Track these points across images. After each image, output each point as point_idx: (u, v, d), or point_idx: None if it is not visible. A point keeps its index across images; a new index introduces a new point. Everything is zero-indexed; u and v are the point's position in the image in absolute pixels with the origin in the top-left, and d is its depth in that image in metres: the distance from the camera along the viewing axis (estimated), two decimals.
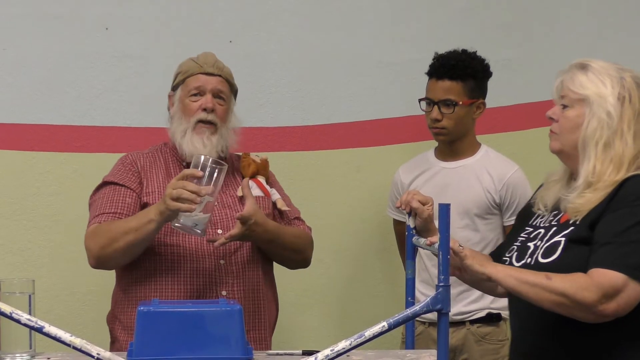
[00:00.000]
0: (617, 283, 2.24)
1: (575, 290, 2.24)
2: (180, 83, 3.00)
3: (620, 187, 2.36)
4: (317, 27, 3.84)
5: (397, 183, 3.57)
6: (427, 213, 2.62)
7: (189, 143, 2.92)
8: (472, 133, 3.47)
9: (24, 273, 3.55)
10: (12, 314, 1.98)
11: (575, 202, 2.40)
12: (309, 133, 3.85)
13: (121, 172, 2.96)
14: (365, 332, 1.98)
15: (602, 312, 2.26)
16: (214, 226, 2.90)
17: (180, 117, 2.97)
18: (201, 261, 2.87)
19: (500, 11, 3.95)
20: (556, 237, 2.41)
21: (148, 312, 2.22)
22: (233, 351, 2.21)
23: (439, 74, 3.39)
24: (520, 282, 2.29)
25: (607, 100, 2.39)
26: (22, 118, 3.64)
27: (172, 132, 2.99)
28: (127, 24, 3.70)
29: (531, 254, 2.44)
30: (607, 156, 2.38)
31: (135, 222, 2.76)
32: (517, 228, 2.61)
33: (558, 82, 2.49)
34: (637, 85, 2.43)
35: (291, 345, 3.06)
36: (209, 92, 2.96)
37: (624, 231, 2.29)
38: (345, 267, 3.88)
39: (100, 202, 2.91)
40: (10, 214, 3.64)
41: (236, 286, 2.89)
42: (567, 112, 2.45)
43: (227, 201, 2.97)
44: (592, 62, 2.46)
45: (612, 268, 2.25)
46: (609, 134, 2.38)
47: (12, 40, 3.63)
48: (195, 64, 3.00)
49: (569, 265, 2.33)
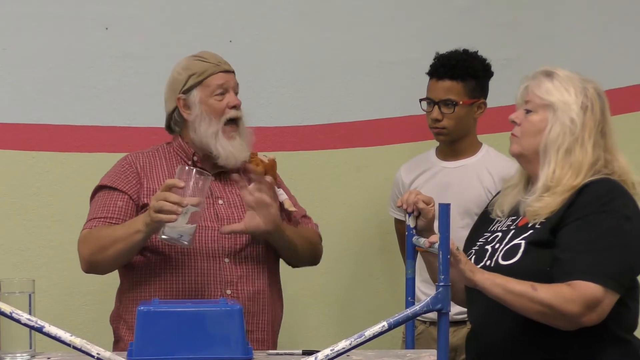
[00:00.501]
0: (598, 295, 2.30)
1: (561, 302, 2.28)
2: (196, 84, 2.94)
3: (580, 192, 2.40)
4: (317, 27, 3.84)
5: (398, 182, 3.57)
6: (432, 213, 2.63)
7: (222, 147, 2.91)
8: (473, 133, 3.47)
9: (24, 273, 3.55)
10: (12, 313, 1.98)
11: (534, 205, 2.44)
12: (309, 133, 3.85)
13: (117, 174, 2.95)
14: (365, 332, 1.98)
15: (584, 323, 2.32)
16: (220, 223, 2.90)
17: (208, 118, 2.93)
18: (206, 260, 2.87)
19: (500, 10, 3.95)
20: (515, 240, 2.44)
21: (148, 311, 2.22)
22: (233, 351, 2.21)
23: (440, 74, 3.39)
24: (506, 291, 2.31)
25: (571, 107, 2.44)
26: (22, 118, 3.64)
27: (200, 135, 2.93)
28: (127, 24, 3.70)
29: (490, 256, 2.47)
30: (566, 162, 2.43)
31: (123, 231, 2.78)
32: (475, 234, 2.64)
33: (523, 87, 2.54)
34: (598, 97, 2.49)
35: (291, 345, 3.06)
36: (232, 89, 2.96)
37: (596, 239, 2.34)
38: (345, 267, 3.88)
39: (93, 207, 2.93)
40: (10, 214, 3.64)
41: (241, 285, 2.89)
42: (531, 116, 2.49)
43: (233, 201, 2.97)
44: (557, 70, 2.51)
45: (593, 280, 2.30)
46: (571, 140, 2.44)
47: (12, 40, 3.63)
48: (208, 63, 2.96)
49: (529, 267, 2.38)
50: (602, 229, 2.34)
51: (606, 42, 3.99)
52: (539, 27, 3.97)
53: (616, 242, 2.34)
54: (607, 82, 3.91)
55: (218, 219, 2.91)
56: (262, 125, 3.78)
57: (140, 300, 2.80)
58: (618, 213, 2.36)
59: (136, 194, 2.91)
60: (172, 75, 3.01)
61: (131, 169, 2.95)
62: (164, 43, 3.69)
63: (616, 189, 2.40)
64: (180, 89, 2.96)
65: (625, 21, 4.02)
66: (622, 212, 2.36)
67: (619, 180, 2.43)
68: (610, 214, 2.36)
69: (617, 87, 3.96)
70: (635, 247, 2.37)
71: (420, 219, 2.64)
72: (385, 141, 3.89)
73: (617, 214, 2.36)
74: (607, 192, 2.39)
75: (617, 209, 2.36)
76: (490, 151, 3.48)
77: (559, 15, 3.99)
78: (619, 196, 2.39)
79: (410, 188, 3.43)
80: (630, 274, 2.39)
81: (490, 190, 3.37)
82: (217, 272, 2.88)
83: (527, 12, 3.97)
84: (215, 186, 2.96)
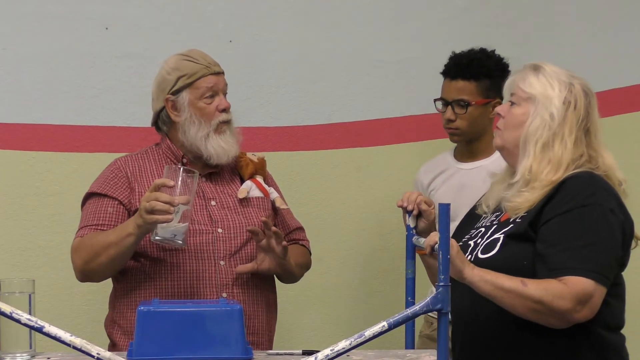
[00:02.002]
0: (589, 289, 2.29)
1: (552, 298, 2.27)
2: (186, 86, 2.92)
3: (560, 186, 2.39)
4: (317, 27, 3.84)
5: (417, 184, 3.54)
6: (433, 215, 2.64)
7: (214, 146, 2.90)
8: (489, 133, 3.40)
9: (24, 273, 3.55)
10: (12, 313, 1.98)
11: (513, 200, 2.45)
12: (309, 133, 3.85)
13: (106, 180, 2.93)
14: (365, 332, 1.98)
15: (575, 319, 2.31)
16: (214, 225, 2.89)
17: (198, 122, 2.91)
18: (201, 263, 2.86)
19: (500, 10, 3.95)
20: (496, 235, 2.45)
21: (148, 312, 2.22)
22: (233, 351, 2.21)
23: (453, 74, 3.36)
24: (495, 287, 2.31)
25: (552, 102, 2.44)
26: (22, 118, 3.64)
27: (190, 138, 2.92)
28: (127, 24, 3.70)
29: (471, 251, 2.48)
30: (544, 156, 2.43)
31: (115, 236, 2.76)
32: (461, 231, 2.64)
33: (510, 81, 2.55)
34: (584, 94, 2.48)
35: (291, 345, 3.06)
36: (221, 92, 2.94)
37: (582, 234, 2.33)
38: (345, 267, 3.88)
39: (84, 215, 2.92)
40: (10, 214, 3.64)
41: (236, 288, 2.88)
42: (514, 109, 2.51)
43: (226, 202, 2.96)
44: (545, 65, 2.51)
45: (583, 275, 2.29)
46: (549, 134, 2.44)
47: (12, 40, 3.63)
48: (199, 64, 2.93)
49: (506, 260, 2.38)
50: (586, 222, 2.34)
51: (606, 42, 3.99)
52: (539, 27, 3.97)
53: (602, 235, 2.33)
54: (607, 82, 3.94)
55: (212, 221, 2.90)
56: (262, 125, 3.78)
57: (134, 305, 2.77)
58: (602, 206, 2.35)
59: (127, 199, 2.89)
60: (161, 74, 2.97)
61: (120, 174, 2.93)
62: (164, 43, 3.68)
63: (597, 182, 2.40)
64: (169, 89, 2.93)
65: (624, 21, 4.02)
66: (605, 205, 2.36)
67: (603, 176, 2.43)
68: (594, 207, 2.35)
69: (617, 87, 3.97)
70: (619, 240, 2.37)
71: (421, 220, 2.64)
72: (385, 141, 3.89)
73: (600, 207, 2.35)
74: (589, 185, 2.38)
75: (600, 201, 2.36)
76: None
77: (558, 15, 3.99)
78: (601, 189, 2.39)
79: (428, 189, 3.43)
80: (616, 267, 2.39)
81: None
82: (212, 274, 2.86)
83: (527, 12, 3.97)
84: (207, 187, 2.95)
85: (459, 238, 2.57)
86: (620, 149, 2.65)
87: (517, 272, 2.34)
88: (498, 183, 2.60)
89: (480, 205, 2.62)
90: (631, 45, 4.01)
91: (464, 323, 2.50)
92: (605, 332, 2.40)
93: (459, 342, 2.54)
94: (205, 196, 2.93)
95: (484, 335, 2.44)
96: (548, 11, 3.98)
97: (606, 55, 3.97)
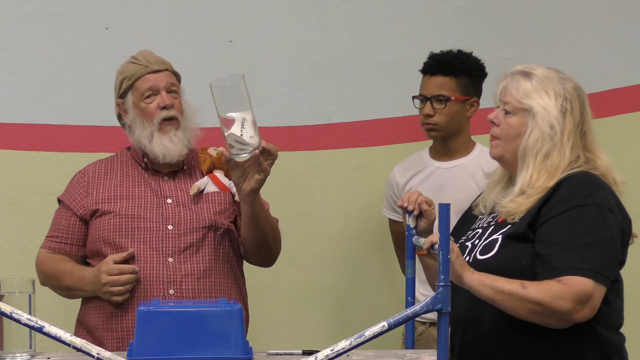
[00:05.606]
0: (588, 289, 2.29)
1: (551, 299, 2.27)
2: (128, 89, 2.97)
3: (558, 186, 2.39)
4: (317, 27, 3.84)
5: (392, 183, 3.56)
6: (434, 215, 2.63)
7: (158, 145, 2.92)
8: (466, 132, 3.46)
9: (24, 273, 3.54)
10: (12, 313, 1.98)
11: (507, 206, 2.44)
12: (309, 133, 3.85)
13: (69, 189, 3.03)
14: (365, 332, 1.98)
15: (575, 319, 2.31)
16: (165, 222, 2.91)
17: (141, 122, 2.95)
18: (149, 260, 2.88)
19: (500, 10, 3.95)
20: (494, 235, 2.45)
21: (148, 312, 2.22)
22: (233, 351, 2.21)
23: (433, 70, 3.40)
24: (495, 291, 2.30)
25: (550, 113, 2.42)
26: (22, 118, 3.64)
27: (136, 139, 2.96)
28: (127, 24, 3.70)
29: (469, 252, 2.47)
30: (544, 166, 2.42)
31: (70, 283, 2.94)
32: (457, 232, 2.63)
33: (501, 87, 2.52)
34: (578, 96, 2.46)
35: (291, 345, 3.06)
36: (163, 89, 2.95)
37: (581, 234, 2.33)
38: (345, 267, 3.88)
39: (52, 222, 3.05)
40: (10, 214, 3.64)
41: (185, 285, 2.88)
42: (510, 119, 2.48)
43: (182, 199, 2.96)
44: (535, 69, 2.48)
45: (582, 275, 2.29)
46: (550, 145, 2.42)
47: (12, 39, 3.63)
48: (138, 65, 2.98)
49: (505, 261, 2.37)
50: (585, 222, 2.34)
51: (606, 42, 3.99)
52: (539, 27, 3.97)
53: (601, 235, 2.33)
54: (607, 82, 3.94)
55: (163, 218, 2.91)
56: (262, 125, 3.76)
57: (91, 304, 2.92)
58: (600, 206, 2.35)
59: (82, 209, 2.96)
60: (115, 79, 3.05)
61: (82, 181, 3.00)
62: (164, 43, 3.68)
63: (594, 182, 2.40)
64: (117, 93, 3.02)
65: (625, 21, 4.02)
66: (603, 204, 2.35)
67: (600, 176, 2.43)
68: (592, 206, 2.35)
69: (617, 87, 3.96)
70: (618, 238, 2.36)
71: (422, 220, 2.64)
72: (385, 141, 3.89)
73: (598, 206, 2.35)
74: (586, 185, 2.38)
75: (599, 201, 2.35)
76: (484, 150, 3.46)
77: (558, 15, 3.99)
78: (599, 189, 2.38)
79: (405, 189, 3.43)
80: (616, 266, 2.38)
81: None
82: (160, 271, 2.87)
83: (527, 12, 3.97)
84: (166, 185, 2.97)
85: (456, 239, 2.57)
86: (621, 149, 2.65)
87: (517, 272, 2.34)
88: (495, 183, 2.59)
89: (477, 206, 2.62)
90: (631, 45, 4.01)
91: (463, 325, 2.50)
92: (605, 331, 2.40)
93: (458, 344, 2.53)
94: (162, 194, 2.96)
95: (484, 337, 2.44)
96: (548, 11, 3.98)
97: (606, 55, 3.97)
